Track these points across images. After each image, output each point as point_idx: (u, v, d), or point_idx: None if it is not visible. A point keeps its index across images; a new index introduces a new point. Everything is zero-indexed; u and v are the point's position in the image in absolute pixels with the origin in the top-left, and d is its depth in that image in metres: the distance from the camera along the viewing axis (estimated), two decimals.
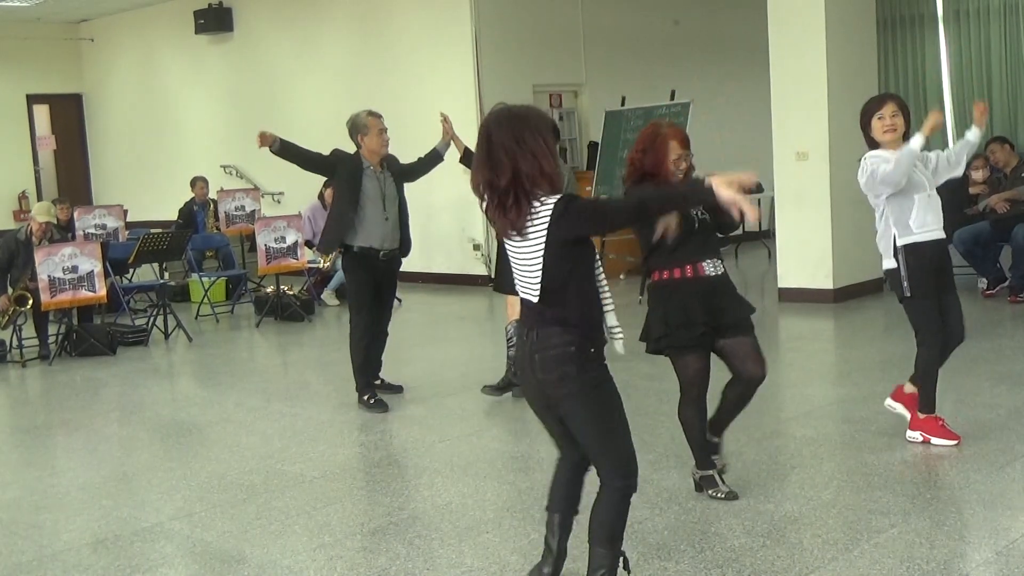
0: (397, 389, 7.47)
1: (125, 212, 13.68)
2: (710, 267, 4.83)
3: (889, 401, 5.93)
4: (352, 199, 7.00)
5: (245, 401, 7.74)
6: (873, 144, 5.53)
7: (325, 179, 12.18)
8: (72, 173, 19.13)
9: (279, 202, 15.24)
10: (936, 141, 16.52)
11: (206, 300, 11.76)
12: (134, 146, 18.32)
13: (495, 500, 5.17)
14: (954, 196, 10.60)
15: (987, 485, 4.99)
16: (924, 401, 5.67)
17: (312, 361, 9.43)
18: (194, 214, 13.72)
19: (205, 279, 12.11)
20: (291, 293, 11.48)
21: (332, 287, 12.24)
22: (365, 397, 7.13)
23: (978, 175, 10.44)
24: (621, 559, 3.73)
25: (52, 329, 10.08)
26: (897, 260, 5.46)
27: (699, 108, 12.21)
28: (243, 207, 13.31)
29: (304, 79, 15.20)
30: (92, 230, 12.72)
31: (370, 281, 7.12)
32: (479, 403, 7.10)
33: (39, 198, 17.94)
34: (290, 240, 11.45)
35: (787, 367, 8.03)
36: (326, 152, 7.13)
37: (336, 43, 14.76)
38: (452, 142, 7.37)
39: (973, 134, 5.62)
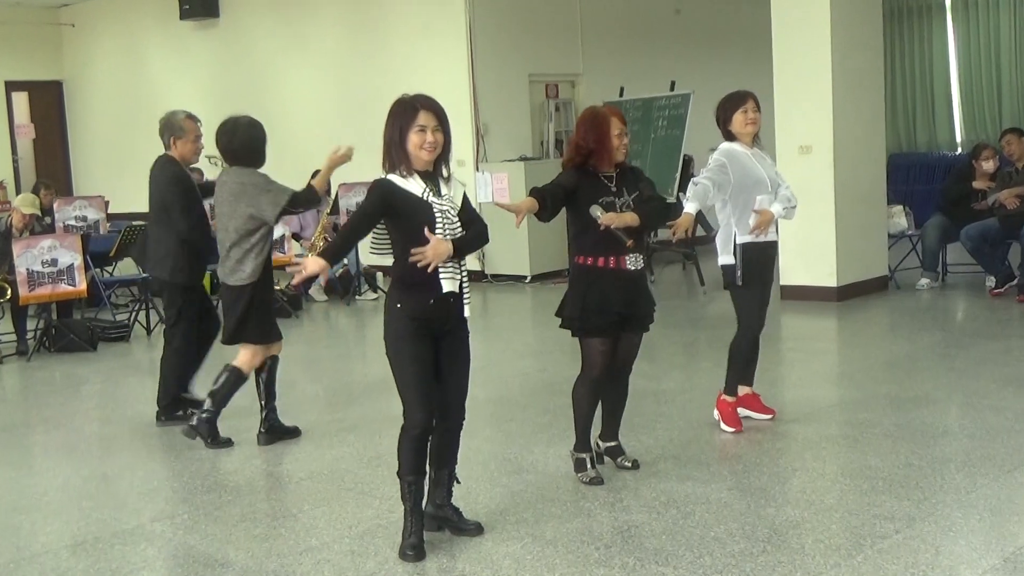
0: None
1: (106, 203, 13.59)
2: (631, 261, 5.23)
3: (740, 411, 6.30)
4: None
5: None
6: (729, 136, 6.05)
7: (314, 171, 12.20)
8: (52, 163, 19.07)
9: None
10: (944, 134, 16.53)
11: None
12: (116, 135, 18.27)
13: (487, 503, 5.17)
14: (961, 190, 10.63)
15: (994, 489, 5.00)
16: (728, 383, 6.19)
17: (299, 358, 9.41)
18: None
19: None
20: (277, 288, 11.42)
21: (319, 282, 12.22)
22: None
23: (988, 165, 10.43)
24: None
25: (30, 324, 10.05)
26: (735, 256, 5.99)
27: (700, 99, 12.21)
28: None
29: (292, 66, 15.17)
30: (72, 222, 12.65)
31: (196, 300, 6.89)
32: (471, 403, 7.07)
33: (18, 188, 17.89)
34: (277, 234, 11.36)
35: (789, 367, 8.04)
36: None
37: (326, 29, 14.74)
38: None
39: (776, 209, 6.06)
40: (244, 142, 6.40)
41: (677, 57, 14.82)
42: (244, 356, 6.42)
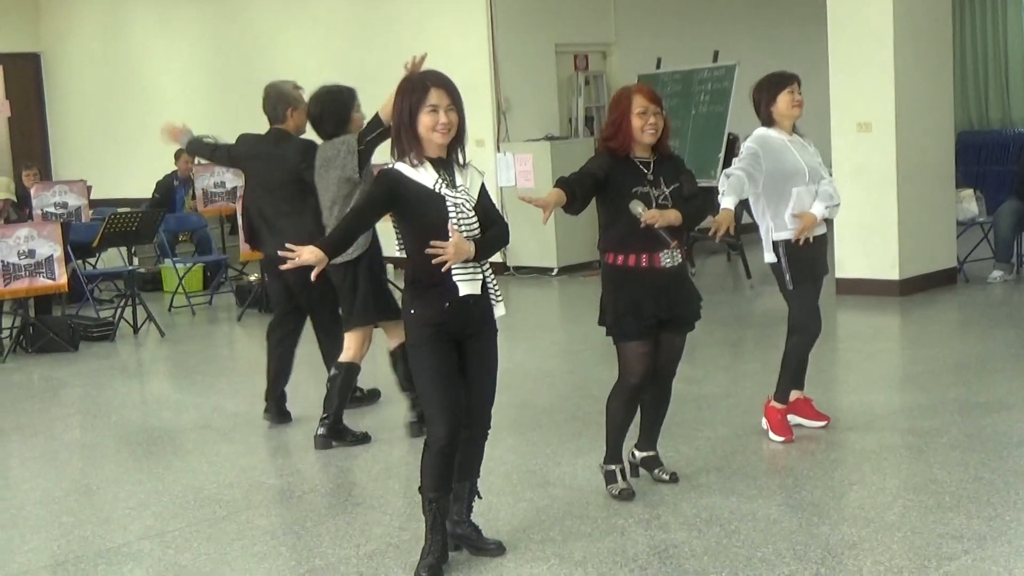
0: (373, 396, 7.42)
1: (89, 188, 13.70)
2: (667, 258, 5.18)
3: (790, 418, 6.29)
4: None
5: (225, 405, 7.76)
6: (769, 120, 6.07)
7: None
8: (28, 143, 19.16)
9: None
10: (1020, 109, 16.40)
11: (180, 289, 11.79)
12: (99, 113, 18.35)
13: (510, 519, 5.18)
14: None
15: None
16: (780, 389, 6.19)
17: (301, 360, 9.41)
18: (173, 190, 13.74)
19: (180, 265, 12.14)
20: None
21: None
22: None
23: None
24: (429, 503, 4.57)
25: (6, 322, 10.12)
26: (777, 254, 6.02)
27: (746, 71, 12.16)
28: (223, 184, 13.31)
29: (292, 36, 15.19)
30: (51, 209, 12.75)
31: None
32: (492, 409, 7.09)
33: None
34: None
35: (845, 369, 8.02)
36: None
37: None
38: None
39: (819, 210, 6.01)
40: (316, 114, 6.54)
41: (721, 24, 14.75)
42: (353, 344, 6.57)
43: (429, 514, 4.56)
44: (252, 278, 11.78)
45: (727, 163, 12.07)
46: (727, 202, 5.77)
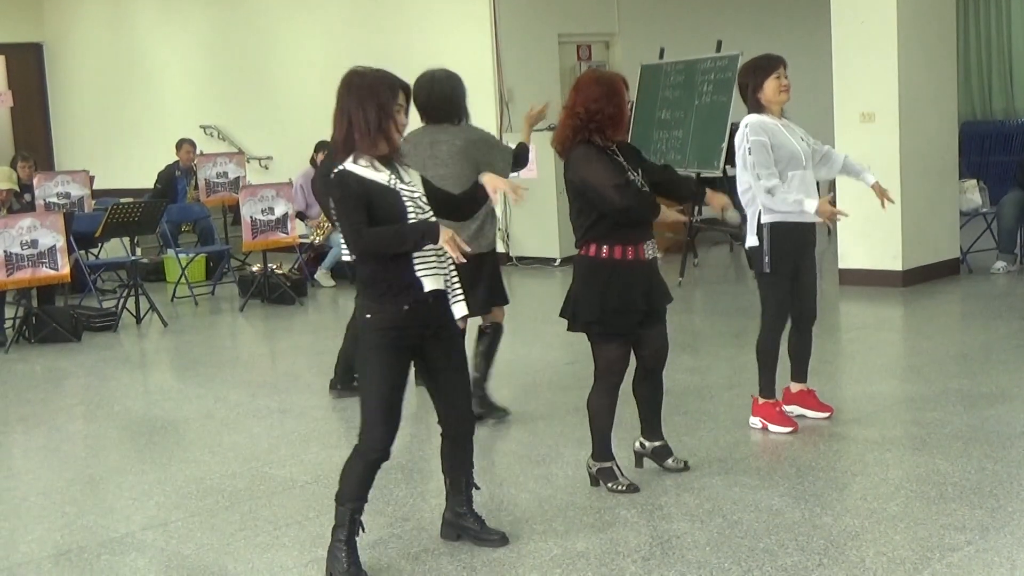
0: None
1: (91, 179, 13.69)
2: (649, 249, 5.18)
3: (784, 407, 6.27)
4: None
5: (227, 395, 7.76)
6: (757, 107, 6.01)
7: (318, 142, 12.24)
8: (31, 133, 19.18)
9: (267, 168, 15.25)
10: None
11: (183, 280, 11.80)
12: (102, 104, 18.36)
13: (512, 511, 5.18)
14: None
15: None
16: (763, 385, 6.16)
17: (304, 350, 9.46)
18: (175, 180, 13.74)
19: (182, 256, 12.15)
20: (280, 272, 11.50)
21: (327, 266, 12.25)
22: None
23: None
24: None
25: (8, 312, 10.12)
26: (760, 237, 5.96)
27: None
28: (226, 173, 13.31)
29: (295, 28, 15.18)
30: (54, 199, 12.75)
31: None
32: (495, 399, 7.11)
33: None
34: (279, 211, 11.47)
35: (848, 360, 8.01)
36: None
37: None
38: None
39: (869, 179, 6.26)
40: (445, 95, 6.36)
41: (724, 14, 14.72)
42: (500, 312, 6.66)
43: (346, 526, 4.48)
44: (254, 268, 11.78)
45: (730, 152, 12.07)
46: (808, 205, 5.79)
